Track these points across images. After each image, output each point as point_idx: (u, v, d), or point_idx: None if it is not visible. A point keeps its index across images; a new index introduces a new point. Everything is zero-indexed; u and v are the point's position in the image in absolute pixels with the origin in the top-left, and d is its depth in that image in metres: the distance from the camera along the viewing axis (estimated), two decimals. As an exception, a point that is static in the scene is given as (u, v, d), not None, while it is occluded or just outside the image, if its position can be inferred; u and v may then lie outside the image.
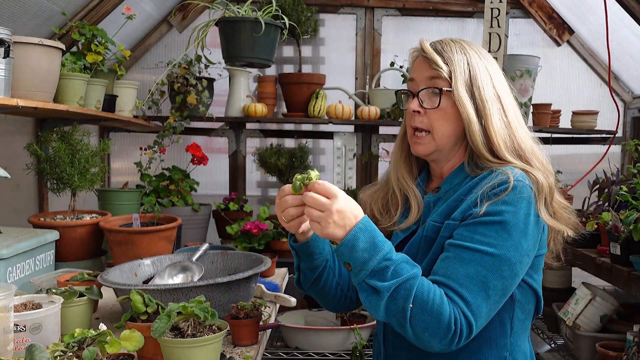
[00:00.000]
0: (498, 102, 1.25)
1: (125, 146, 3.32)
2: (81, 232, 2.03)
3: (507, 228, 1.13)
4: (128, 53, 2.37)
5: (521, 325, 1.27)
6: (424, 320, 1.08)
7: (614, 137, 3.12)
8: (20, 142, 2.27)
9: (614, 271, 2.06)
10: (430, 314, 1.07)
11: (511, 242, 1.13)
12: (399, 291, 1.08)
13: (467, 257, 1.13)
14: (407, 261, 1.13)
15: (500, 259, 1.12)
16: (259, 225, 2.68)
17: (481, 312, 1.11)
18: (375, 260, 1.10)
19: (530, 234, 1.16)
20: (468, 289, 1.11)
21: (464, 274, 1.12)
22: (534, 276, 1.25)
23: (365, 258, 1.10)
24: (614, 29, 2.72)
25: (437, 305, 1.08)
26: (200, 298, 1.28)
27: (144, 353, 1.29)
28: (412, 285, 1.09)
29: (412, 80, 1.31)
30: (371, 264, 1.10)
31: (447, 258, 1.16)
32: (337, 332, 2.71)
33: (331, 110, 3.00)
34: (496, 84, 1.27)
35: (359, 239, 1.10)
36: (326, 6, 3.28)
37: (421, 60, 1.31)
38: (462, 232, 1.16)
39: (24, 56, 1.70)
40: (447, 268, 1.14)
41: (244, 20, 2.50)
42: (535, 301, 1.29)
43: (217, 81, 3.13)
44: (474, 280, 1.11)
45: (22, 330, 1.27)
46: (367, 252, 1.10)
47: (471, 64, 1.26)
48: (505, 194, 1.14)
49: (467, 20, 3.34)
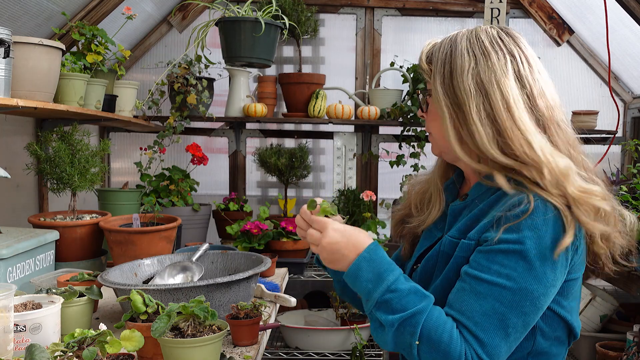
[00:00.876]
0: (480, 95, 1.09)
1: (125, 146, 3.32)
2: (81, 232, 2.03)
3: (528, 257, 1.01)
4: (128, 53, 2.37)
5: (544, 352, 1.13)
6: (432, 356, 1.01)
7: (614, 137, 3.12)
8: (20, 142, 2.27)
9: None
10: (437, 352, 1.00)
11: (534, 274, 1.01)
12: (405, 326, 1.02)
13: (484, 292, 1.02)
14: (415, 292, 1.05)
15: (521, 293, 1.01)
16: (259, 225, 2.68)
17: (499, 352, 1.01)
18: (379, 292, 1.04)
19: (558, 262, 1.03)
20: (484, 328, 1.01)
21: (479, 310, 1.01)
22: (563, 303, 1.11)
23: (369, 289, 1.05)
24: (614, 29, 2.72)
25: (445, 344, 1.00)
26: (200, 298, 1.27)
27: (144, 353, 1.29)
28: (419, 321, 1.01)
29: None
30: (375, 295, 1.04)
31: (463, 290, 1.05)
32: (337, 332, 2.72)
33: (331, 110, 3.00)
34: (482, 73, 1.10)
35: (362, 268, 1.06)
36: (326, 6, 3.28)
37: None
38: (479, 260, 1.05)
39: (24, 56, 1.70)
40: (462, 302, 1.04)
41: (244, 20, 2.50)
42: (567, 329, 1.14)
43: (217, 81, 3.13)
44: (490, 318, 1.01)
45: (22, 330, 1.27)
46: (372, 282, 1.05)
47: (454, 56, 1.13)
48: (525, 217, 1.02)
49: (467, 20, 3.34)
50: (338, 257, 1.10)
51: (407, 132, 3.10)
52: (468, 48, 1.13)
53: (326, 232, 1.11)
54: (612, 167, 2.60)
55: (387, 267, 1.07)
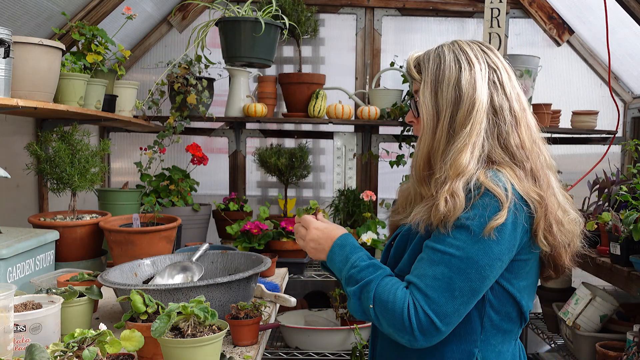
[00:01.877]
0: (452, 106, 1.23)
1: (125, 146, 3.32)
2: (81, 232, 2.03)
3: (475, 232, 1.15)
4: (128, 53, 2.37)
5: (496, 326, 1.26)
6: (385, 317, 1.18)
7: (614, 137, 3.12)
8: (20, 142, 2.27)
9: (614, 271, 2.06)
10: (388, 311, 1.17)
11: (480, 246, 1.15)
12: (363, 293, 1.21)
13: (437, 259, 1.18)
14: (372, 266, 1.24)
15: (468, 261, 1.15)
16: (259, 225, 2.68)
17: (446, 310, 1.15)
18: (346, 269, 1.25)
19: (505, 239, 1.16)
20: (432, 287, 1.16)
21: (431, 274, 1.17)
22: (512, 281, 1.24)
23: (340, 269, 1.27)
24: (614, 29, 2.72)
25: (392, 303, 1.17)
26: (200, 298, 1.27)
27: (144, 353, 1.29)
28: (371, 288, 1.20)
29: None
30: (344, 273, 1.26)
31: (422, 259, 1.21)
32: (337, 332, 2.72)
33: (331, 110, 3.00)
34: (464, 84, 1.22)
35: (335, 253, 1.29)
36: (326, 6, 3.28)
37: None
38: (437, 234, 1.20)
39: (24, 56, 1.70)
40: (419, 269, 1.20)
41: (244, 20, 2.50)
42: (517, 307, 1.27)
43: (217, 81, 3.13)
44: (439, 280, 1.16)
45: (22, 330, 1.27)
46: (342, 262, 1.27)
47: (443, 66, 1.25)
48: (476, 199, 1.16)
49: (467, 20, 3.35)
50: (320, 248, 1.34)
51: (407, 132, 3.10)
52: (457, 56, 1.27)
53: (310, 230, 1.36)
54: (612, 167, 2.60)
55: (353, 249, 1.28)
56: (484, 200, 1.16)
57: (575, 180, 3.04)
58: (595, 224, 2.15)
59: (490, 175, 1.18)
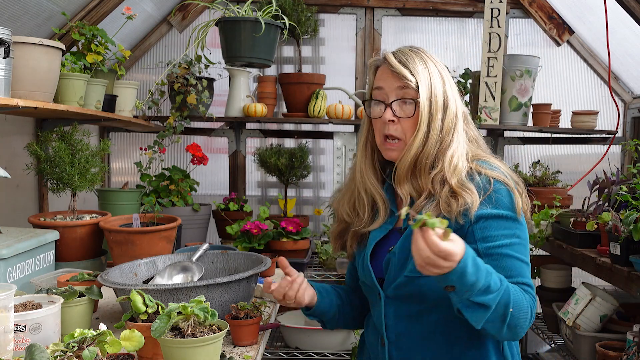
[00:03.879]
0: (442, 108, 1.37)
1: (125, 146, 3.32)
2: (81, 232, 2.03)
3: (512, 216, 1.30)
4: (128, 53, 2.37)
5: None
6: (519, 317, 1.23)
7: (614, 137, 3.12)
8: (20, 142, 2.27)
9: (614, 271, 2.06)
10: (523, 311, 1.23)
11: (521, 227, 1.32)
12: (502, 301, 1.20)
13: (509, 253, 1.28)
14: (493, 271, 1.21)
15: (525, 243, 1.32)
16: (259, 225, 2.68)
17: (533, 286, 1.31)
18: (482, 280, 1.16)
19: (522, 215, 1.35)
20: (525, 276, 1.29)
21: (518, 267, 1.28)
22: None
23: (473, 280, 1.15)
24: (614, 29, 2.72)
25: (523, 301, 1.24)
26: (200, 298, 1.28)
27: (144, 353, 1.29)
28: (509, 293, 1.21)
29: (380, 89, 1.39)
30: (478, 284, 1.16)
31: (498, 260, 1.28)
32: (337, 332, 2.71)
33: (331, 110, 3.00)
34: (448, 90, 1.38)
35: (467, 264, 1.13)
36: (326, 6, 3.28)
37: (387, 70, 1.39)
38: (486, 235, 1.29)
39: (24, 56, 1.70)
40: (506, 269, 1.27)
41: (244, 20, 2.50)
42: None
43: (217, 81, 3.13)
44: (523, 266, 1.29)
45: (22, 330, 1.27)
46: (474, 274, 1.15)
47: (431, 74, 1.38)
48: (490, 190, 1.31)
49: (467, 20, 3.35)
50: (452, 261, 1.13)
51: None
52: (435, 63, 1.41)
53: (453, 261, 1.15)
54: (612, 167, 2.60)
55: (481, 260, 1.21)
56: (496, 187, 1.30)
57: (575, 180, 3.04)
58: (595, 224, 2.15)
59: (485, 166, 1.35)
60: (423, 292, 1.32)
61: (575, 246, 2.32)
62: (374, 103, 1.41)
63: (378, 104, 1.40)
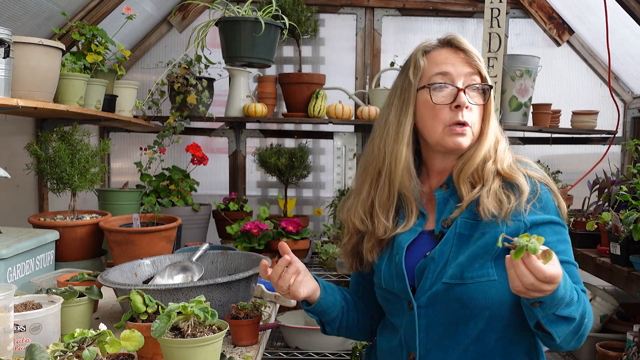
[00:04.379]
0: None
1: (125, 146, 3.32)
2: (81, 232, 2.03)
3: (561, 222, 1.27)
4: (128, 53, 2.37)
5: None
6: (587, 327, 1.18)
7: (614, 137, 3.12)
8: (20, 142, 2.27)
9: (614, 271, 2.06)
10: (591, 320, 1.20)
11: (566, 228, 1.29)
12: (581, 312, 1.15)
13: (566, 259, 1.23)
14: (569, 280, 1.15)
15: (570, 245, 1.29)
16: (259, 225, 2.67)
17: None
18: (568, 292, 1.10)
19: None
20: (581, 281, 1.25)
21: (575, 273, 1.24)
22: None
23: (562, 294, 1.08)
24: (614, 29, 2.72)
25: (590, 308, 1.20)
26: (200, 298, 1.27)
27: (144, 353, 1.29)
28: (585, 302, 1.18)
29: (445, 74, 1.31)
30: (566, 297, 1.09)
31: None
32: (337, 332, 2.71)
33: (331, 110, 3.00)
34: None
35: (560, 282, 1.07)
36: (326, 6, 3.28)
37: (453, 54, 1.32)
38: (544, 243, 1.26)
39: (24, 56, 1.70)
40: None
41: (244, 20, 2.50)
42: None
43: (217, 81, 3.13)
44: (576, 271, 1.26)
45: (22, 330, 1.27)
46: (564, 288, 1.08)
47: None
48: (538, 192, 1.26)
49: (467, 20, 3.34)
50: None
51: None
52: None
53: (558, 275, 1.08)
54: (612, 167, 2.60)
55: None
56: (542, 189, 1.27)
57: (575, 180, 3.04)
58: (595, 224, 2.15)
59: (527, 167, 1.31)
60: (463, 301, 1.23)
61: (575, 246, 2.33)
62: (438, 87, 1.30)
63: (443, 88, 1.30)
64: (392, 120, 1.35)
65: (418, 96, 1.33)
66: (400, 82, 1.37)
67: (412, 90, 1.33)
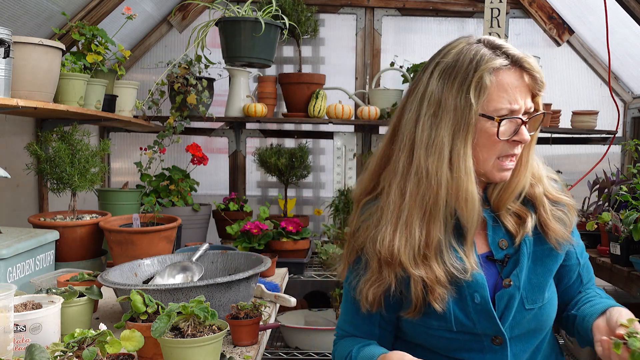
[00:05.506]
0: None
1: (125, 146, 3.32)
2: (81, 232, 2.03)
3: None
4: (128, 53, 2.37)
5: None
6: None
7: (614, 137, 3.12)
8: (20, 142, 2.27)
9: (614, 271, 2.06)
10: None
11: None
12: None
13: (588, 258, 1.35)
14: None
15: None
16: (259, 225, 2.67)
17: None
18: None
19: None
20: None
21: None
22: None
23: None
24: (614, 29, 2.72)
25: None
26: (200, 298, 1.27)
27: (144, 353, 1.29)
28: None
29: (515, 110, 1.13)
30: None
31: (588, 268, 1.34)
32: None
33: (331, 110, 3.00)
34: None
35: None
36: (326, 6, 3.28)
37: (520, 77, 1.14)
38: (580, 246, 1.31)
39: (24, 56, 1.70)
40: (590, 274, 1.34)
41: (244, 20, 2.50)
42: None
43: (217, 81, 3.13)
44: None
45: (22, 330, 1.27)
46: None
47: None
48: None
49: (467, 20, 3.34)
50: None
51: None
52: None
53: None
54: (612, 167, 2.60)
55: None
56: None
57: (575, 180, 3.04)
58: (595, 224, 2.15)
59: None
60: (540, 322, 1.20)
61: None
62: (507, 121, 1.13)
63: (510, 122, 1.14)
64: (445, 143, 1.12)
65: (477, 121, 1.12)
66: (454, 98, 1.12)
67: (472, 113, 1.11)
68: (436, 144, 1.13)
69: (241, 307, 1.49)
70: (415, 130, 1.16)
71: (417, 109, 1.16)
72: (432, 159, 1.13)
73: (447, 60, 1.16)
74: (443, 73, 1.15)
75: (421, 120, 1.15)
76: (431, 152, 1.13)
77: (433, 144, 1.13)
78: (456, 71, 1.14)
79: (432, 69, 1.18)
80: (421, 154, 1.14)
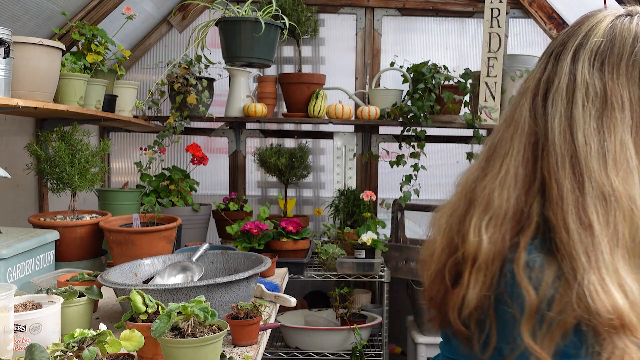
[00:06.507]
0: None
1: (125, 146, 3.32)
2: (81, 232, 2.03)
3: None
4: (128, 53, 2.37)
5: None
6: None
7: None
8: (20, 142, 2.27)
9: (614, 271, 2.05)
10: None
11: None
12: None
13: None
14: None
15: None
16: (259, 225, 2.68)
17: None
18: None
19: None
20: None
21: None
22: None
23: None
24: (614, 29, 2.72)
25: None
26: (200, 298, 1.28)
27: (144, 353, 1.29)
28: None
29: None
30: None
31: None
32: (337, 332, 2.72)
33: (331, 110, 3.00)
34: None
35: None
36: (326, 6, 3.28)
37: None
38: None
39: (24, 56, 1.70)
40: None
41: (244, 20, 2.50)
42: None
43: (217, 81, 3.13)
44: None
45: (22, 330, 1.27)
46: None
47: None
48: None
49: (467, 20, 3.35)
50: None
51: (407, 132, 3.10)
52: None
53: None
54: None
55: None
56: None
57: None
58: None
59: None
60: None
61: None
62: None
63: None
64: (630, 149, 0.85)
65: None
66: (624, 88, 0.86)
67: None
68: (616, 152, 0.85)
69: (241, 307, 1.49)
70: (573, 138, 0.86)
71: (566, 109, 0.88)
72: (614, 172, 0.84)
73: (597, 40, 0.89)
74: (597, 57, 0.88)
75: (579, 123, 0.87)
76: (611, 164, 0.84)
77: (611, 153, 0.85)
78: (617, 53, 0.88)
79: (572, 53, 0.90)
80: (594, 167, 0.84)
